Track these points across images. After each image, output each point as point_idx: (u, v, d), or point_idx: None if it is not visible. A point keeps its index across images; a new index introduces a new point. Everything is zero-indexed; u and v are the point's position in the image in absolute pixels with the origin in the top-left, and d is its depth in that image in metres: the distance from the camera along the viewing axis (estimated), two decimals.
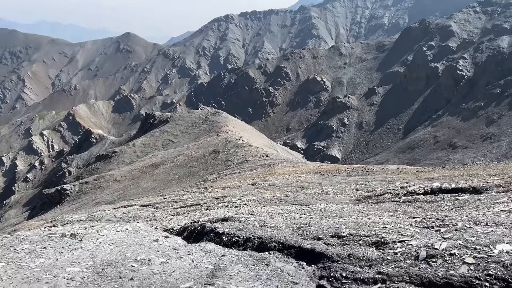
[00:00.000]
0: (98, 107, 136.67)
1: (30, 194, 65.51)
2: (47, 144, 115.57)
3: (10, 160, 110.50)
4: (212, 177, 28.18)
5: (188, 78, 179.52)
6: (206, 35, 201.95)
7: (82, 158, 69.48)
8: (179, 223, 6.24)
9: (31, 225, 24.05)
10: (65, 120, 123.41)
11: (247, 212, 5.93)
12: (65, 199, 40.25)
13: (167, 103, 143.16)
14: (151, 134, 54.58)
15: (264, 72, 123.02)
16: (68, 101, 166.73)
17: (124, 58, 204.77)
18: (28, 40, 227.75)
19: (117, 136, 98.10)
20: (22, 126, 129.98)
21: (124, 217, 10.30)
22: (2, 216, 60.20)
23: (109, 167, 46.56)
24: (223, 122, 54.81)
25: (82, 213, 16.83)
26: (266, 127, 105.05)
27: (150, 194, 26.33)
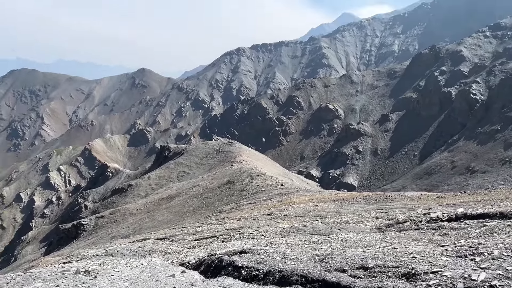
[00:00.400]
0: (114, 141, 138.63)
1: (47, 230, 65.74)
2: (64, 179, 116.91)
3: (28, 196, 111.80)
4: (228, 208, 27.91)
5: (202, 110, 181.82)
6: (219, 68, 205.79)
7: (98, 192, 69.88)
8: (195, 256, 6.05)
9: (47, 261, 23.94)
10: (81, 155, 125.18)
11: (265, 244, 5.73)
12: (81, 233, 40.20)
13: (181, 135, 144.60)
14: (166, 166, 54.81)
15: (276, 102, 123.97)
16: (85, 136, 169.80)
17: (139, 92, 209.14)
18: (47, 79, 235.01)
19: (132, 169, 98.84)
20: (40, 162, 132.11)
21: (140, 251, 10.11)
22: (20, 252, 60.33)
23: (124, 201, 46.62)
24: (237, 152, 54.85)
25: (98, 248, 16.68)
26: (280, 156, 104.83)
27: (166, 226, 26.12)
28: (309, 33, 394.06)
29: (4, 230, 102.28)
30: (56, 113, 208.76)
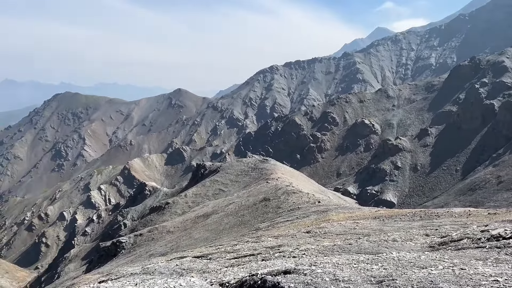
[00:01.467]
0: (152, 160, 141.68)
1: (88, 248, 67.26)
2: (105, 198, 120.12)
3: (71, 215, 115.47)
4: (264, 225, 27.43)
5: (236, 128, 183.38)
6: (252, 86, 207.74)
7: (137, 210, 71.09)
8: (235, 276, 5.73)
9: (87, 279, 24.24)
10: (121, 174, 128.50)
11: (309, 263, 5.33)
12: (120, 251, 40.71)
13: (216, 153, 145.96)
14: (202, 184, 55.07)
15: (311, 118, 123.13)
16: (124, 156, 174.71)
17: (176, 112, 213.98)
18: (88, 101, 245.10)
19: (170, 187, 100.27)
20: (82, 182, 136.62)
21: (178, 270, 9.89)
22: (63, 270, 61.87)
23: (162, 219, 47.04)
24: (271, 169, 54.43)
25: (136, 266, 16.65)
26: (315, 172, 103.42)
27: (203, 244, 25.94)
28: (343, 48, 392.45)
29: (48, 248, 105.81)
30: (97, 134, 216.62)
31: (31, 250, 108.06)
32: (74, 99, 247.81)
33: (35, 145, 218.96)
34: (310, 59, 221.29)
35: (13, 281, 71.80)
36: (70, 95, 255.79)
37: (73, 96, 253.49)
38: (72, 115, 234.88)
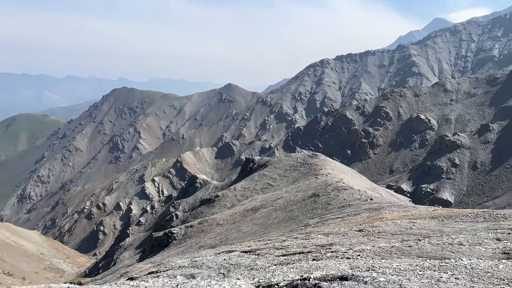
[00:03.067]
0: (203, 154, 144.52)
1: (142, 237, 69.78)
2: (158, 190, 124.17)
3: (126, 205, 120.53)
4: (313, 221, 26.82)
5: (285, 123, 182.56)
6: (302, 80, 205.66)
7: (188, 202, 72.69)
8: (284, 276, 5.35)
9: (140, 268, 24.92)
10: (173, 167, 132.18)
11: (367, 267, 4.83)
12: (172, 242, 41.69)
13: (265, 147, 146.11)
14: (251, 178, 55.16)
15: (362, 113, 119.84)
16: (177, 149, 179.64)
17: (226, 107, 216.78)
18: (144, 96, 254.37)
19: (219, 180, 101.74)
20: (137, 173, 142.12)
21: (225, 265, 9.70)
22: (118, 257, 64.64)
23: (212, 211, 47.64)
24: (321, 164, 53.40)
25: (185, 258, 16.78)
26: (366, 169, 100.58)
27: (251, 238, 25.82)
28: (397, 41, 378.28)
29: (105, 236, 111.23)
30: (151, 128, 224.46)
31: (90, 237, 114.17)
32: (130, 94, 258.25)
33: (94, 138, 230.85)
34: (363, 52, 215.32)
35: (73, 266, 76.16)
36: (127, 90, 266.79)
37: (129, 91, 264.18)
38: (128, 110, 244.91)
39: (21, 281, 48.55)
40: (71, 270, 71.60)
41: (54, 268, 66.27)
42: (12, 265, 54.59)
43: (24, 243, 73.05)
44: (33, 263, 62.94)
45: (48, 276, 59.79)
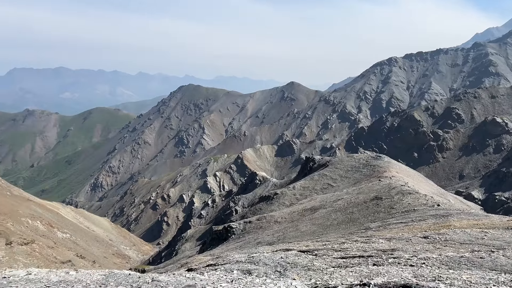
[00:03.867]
0: (263, 151, 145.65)
1: (202, 230, 71.79)
2: (219, 184, 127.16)
3: (189, 198, 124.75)
4: (374, 225, 25.93)
5: (348, 123, 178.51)
6: (368, 79, 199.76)
7: (247, 198, 73.58)
8: (342, 280, 5.18)
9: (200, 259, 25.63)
10: (234, 163, 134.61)
11: (432, 277, 4.52)
12: (231, 236, 42.45)
13: (326, 147, 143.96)
14: (310, 177, 54.54)
15: (432, 114, 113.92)
16: (238, 146, 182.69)
17: (288, 105, 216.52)
18: (208, 93, 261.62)
19: (279, 178, 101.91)
20: (200, 168, 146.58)
21: (282, 263, 9.65)
22: (180, 248, 67.02)
23: (270, 208, 47.78)
24: (385, 167, 51.48)
25: (243, 253, 16.99)
26: (434, 173, 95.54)
27: (309, 238, 25.55)
28: (473, 38, 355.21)
29: (169, 226, 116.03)
30: (214, 124, 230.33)
31: (154, 227, 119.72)
32: (196, 91, 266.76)
33: (162, 132, 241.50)
34: (434, 50, 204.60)
35: (139, 253, 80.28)
36: (193, 87, 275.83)
37: (195, 88, 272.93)
38: (193, 106, 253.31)
39: (91, 264, 52.06)
40: (136, 257, 75.52)
41: (121, 254, 70.34)
42: (84, 249, 58.72)
43: (95, 228, 78.29)
44: (103, 248, 67.25)
45: (116, 261, 63.57)
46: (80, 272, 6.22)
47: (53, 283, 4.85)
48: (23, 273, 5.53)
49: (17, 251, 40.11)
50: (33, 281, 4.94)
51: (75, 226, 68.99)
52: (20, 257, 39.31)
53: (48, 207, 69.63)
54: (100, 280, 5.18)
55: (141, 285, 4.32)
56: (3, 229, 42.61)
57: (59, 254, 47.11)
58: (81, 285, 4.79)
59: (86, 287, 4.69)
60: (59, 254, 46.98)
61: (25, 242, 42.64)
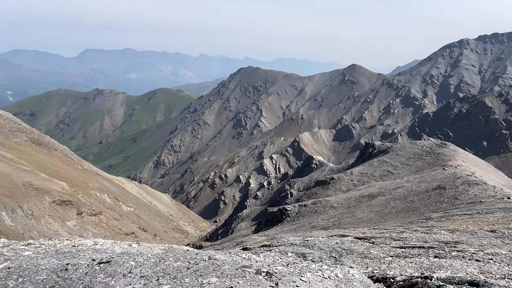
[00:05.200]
0: (320, 135, 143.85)
1: (257, 210, 72.96)
2: (275, 167, 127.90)
3: (245, 179, 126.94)
4: (436, 215, 24.80)
5: (412, 108, 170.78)
6: (435, 62, 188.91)
7: (303, 182, 73.43)
8: (401, 270, 4.98)
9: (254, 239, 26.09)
10: (291, 146, 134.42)
11: (502, 274, 4.21)
12: (285, 218, 42.75)
13: (387, 133, 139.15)
14: (369, 163, 53.13)
15: (506, 100, 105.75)
16: (295, 129, 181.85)
17: (348, 89, 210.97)
18: (267, 76, 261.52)
19: (336, 163, 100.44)
20: (257, 150, 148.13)
21: (337, 248, 9.51)
22: (235, 227, 68.72)
23: (326, 193, 47.33)
24: (450, 155, 48.83)
25: (297, 236, 17.00)
26: (505, 164, 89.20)
27: (365, 225, 25.03)
28: None
29: (226, 205, 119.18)
30: (272, 107, 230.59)
31: (212, 205, 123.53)
32: (255, 73, 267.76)
33: (221, 113, 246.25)
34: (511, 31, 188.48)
35: (196, 229, 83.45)
36: (252, 69, 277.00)
37: (254, 70, 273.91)
38: (252, 88, 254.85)
39: (153, 237, 54.96)
40: (194, 233, 78.59)
41: (180, 229, 73.53)
42: (146, 222, 62.04)
43: (157, 204, 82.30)
44: (164, 222, 70.66)
45: (175, 236, 66.61)
46: (142, 245, 6.52)
47: (117, 254, 5.13)
48: (90, 242, 5.91)
49: (87, 221, 43.26)
50: (99, 251, 5.27)
51: (139, 201, 72.94)
52: (89, 226, 42.38)
53: (114, 182, 74.11)
54: (160, 254, 5.40)
55: (198, 262, 4.44)
56: (75, 200, 46.04)
57: (124, 226, 50.18)
58: (142, 258, 5.03)
59: (147, 260, 4.91)
60: (123, 226, 50.05)
61: (94, 213, 45.84)
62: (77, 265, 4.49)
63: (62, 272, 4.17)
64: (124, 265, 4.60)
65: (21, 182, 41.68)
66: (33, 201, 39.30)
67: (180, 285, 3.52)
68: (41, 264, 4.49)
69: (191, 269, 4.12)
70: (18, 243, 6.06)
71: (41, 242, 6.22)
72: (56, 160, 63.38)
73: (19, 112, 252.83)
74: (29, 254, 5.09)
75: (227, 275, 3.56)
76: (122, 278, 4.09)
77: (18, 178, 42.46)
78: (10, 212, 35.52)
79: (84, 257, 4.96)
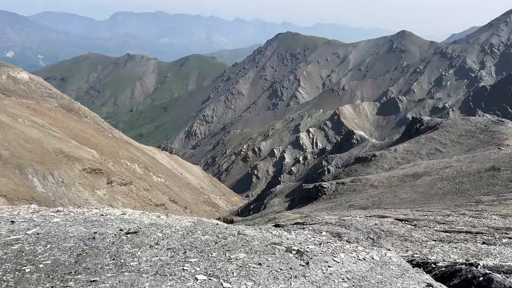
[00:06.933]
0: (363, 108, 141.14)
1: (292, 186, 73.33)
2: (312, 141, 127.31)
3: (280, 153, 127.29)
4: (487, 199, 24.10)
5: (467, 80, 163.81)
6: (497, 29, 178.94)
7: (341, 158, 72.86)
8: (444, 256, 4.88)
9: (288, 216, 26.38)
10: (330, 119, 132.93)
11: None
12: (321, 196, 42.79)
13: (437, 107, 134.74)
14: (415, 140, 51.96)
15: None
16: (335, 101, 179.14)
17: (396, 58, 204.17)
18: (307, 42, 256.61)
19: (378, 139, 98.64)
20: (293, 123, 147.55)
21: (376, 230, 9.45)
22: (268, 202, 69.56)
23: (366, 171, 46.85)
24: (508, 133, 46.89)
25: (333, 215, 17.02)
26: None
27: (408, 206, 24.71)
28: None
29: (258, 179, 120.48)
30: (311, 76, 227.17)
31: (244, 179, 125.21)
32: (293, 40, 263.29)
33: (256, 83, 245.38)
34: None
35: (228, 203, 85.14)
36: (290, 35, 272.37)
37: (293, 36, 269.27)
38: (290, 56, 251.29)
39: (183, 209, 56.60)
40: (225, 207, 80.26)
41: (211, 202, 75.26)
42: (177, 194, 63.83)
43: (188, 175, 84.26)
44: (194, 195, 72.47)
45: (206, 209, 68.33)
46: (171, 217, 6.71)
47: (145, 225, 5.32)
48: (118, 212, 6.15)
49: (117, 190, 45.00)
50: (127, 221, 5.48)
51: (169, 172, 74.91)
52: (119, 196, 44.10)
53: (145, 151, 76.26)
54: (189, 227, 5.55)
55: (227, 236, 4.53)
56: (105, 168, 47.85)
57: (154, 197, 51.89)
58: (170, 229, 5.19)
59: (175, 232, 5.06)
60: (154, 197, 51.76)
61: (124, 183, 47.57)
62: (105, 234, 4.70)
63: (90, 240, 4.38)
64: (151, 236, 4.77)
65: (52, 148, 43.65)
66: (63, 168, 41.18)
67: (207, 259, 3.62)
68: (69, 231, 4.73)
69: (219, 243, 4.22)
70: (47, 210, 6.39)
71: (70, 210, 6.52)
72: (86, 127, 65.74)
73: (49, 77, 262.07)
74: (58, 221, 5.36)
75: (256, 251, 3.62)
76: (149, 249, 4.25)
77: (49, 145, 44.46)
78: (41, 178, 37.44)
79: (112, 226, 5.18)
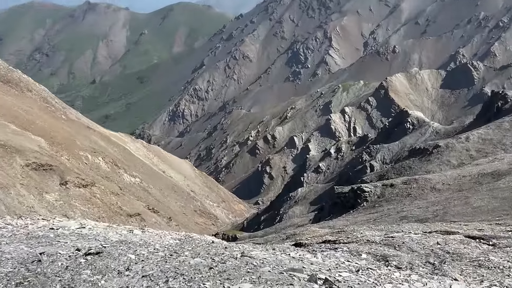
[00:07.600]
0: (422, 78, 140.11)
1: (320, 190, 73.36)
2: (348, 126, 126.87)
3: (303, 142, 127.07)
4: None
5: None
6: None
7: (390, 150, 72.64)
8: None
9: (314, 231, 26.43)
10: (374, 94, 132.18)
11: None
12: (361, 203, 42.75)
13: None
14: (496, 125, 51.59)
15: None
16: (382, 68, 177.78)
17: (469, 6, 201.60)
18: None
19: (444, 123, 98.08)
20: (321, 100, 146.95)
21: (438, 251, 9.44)
22: (286, 212, 69.75)
23: (426, 168, 46.71)
24: None
25: (377, 230, 16.97)
26: None
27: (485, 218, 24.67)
28: None
29: (273, 180, 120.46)
30: (348, 33, 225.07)
31: (252, 179, 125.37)
32: None
33: (269, 42, 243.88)
34: None
35: (229, 213, 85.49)
36: None
37: None
38: (318, 4, 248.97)
39: (166, 221, 56.95)
40: (226, 219, 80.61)
41: (206, 212, 75.62)
42: (158, 200, 64.21)
43: (173, 174, 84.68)
44: (182, 201, 72.83)
45: (198, 221, 68.69)
46: (148, 232, 6.75)
47: (112, 243, 5.32)
48: (75, 225, 6.17)
49: (74, 194, 45.36)
50: (86, 238, 5.49)
51: (147, 169, 75.28)
52: (78, 202, 44.46)
53: (113, 140, 76.66)
54: (173, 246, 5.56)
55: (226, 260, 4.53)
56: (57, 164, 48.23)
57: (126, 204, 52.27)
58: (147, 250, 5.19)
59: (154, 253, 5.07)
60: (125, 204, 52.13)
61: (84, 184, 47.93)
62: (55, 256, 4.71)
63: (34, 264, 4.39)
64: (120, 259, 4.78)
65: None
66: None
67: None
68: (6, 251, 4.75)
69: (215, 269, 4.21)
70: None
71: (7, 222, 6.58)
72: (30, 105, 66.13)
73: None
74: None
75: (266, 280, 3.59)
76: (117, 276, 4.26)
77: None
78: None
79: (66, 244, 5.19)
